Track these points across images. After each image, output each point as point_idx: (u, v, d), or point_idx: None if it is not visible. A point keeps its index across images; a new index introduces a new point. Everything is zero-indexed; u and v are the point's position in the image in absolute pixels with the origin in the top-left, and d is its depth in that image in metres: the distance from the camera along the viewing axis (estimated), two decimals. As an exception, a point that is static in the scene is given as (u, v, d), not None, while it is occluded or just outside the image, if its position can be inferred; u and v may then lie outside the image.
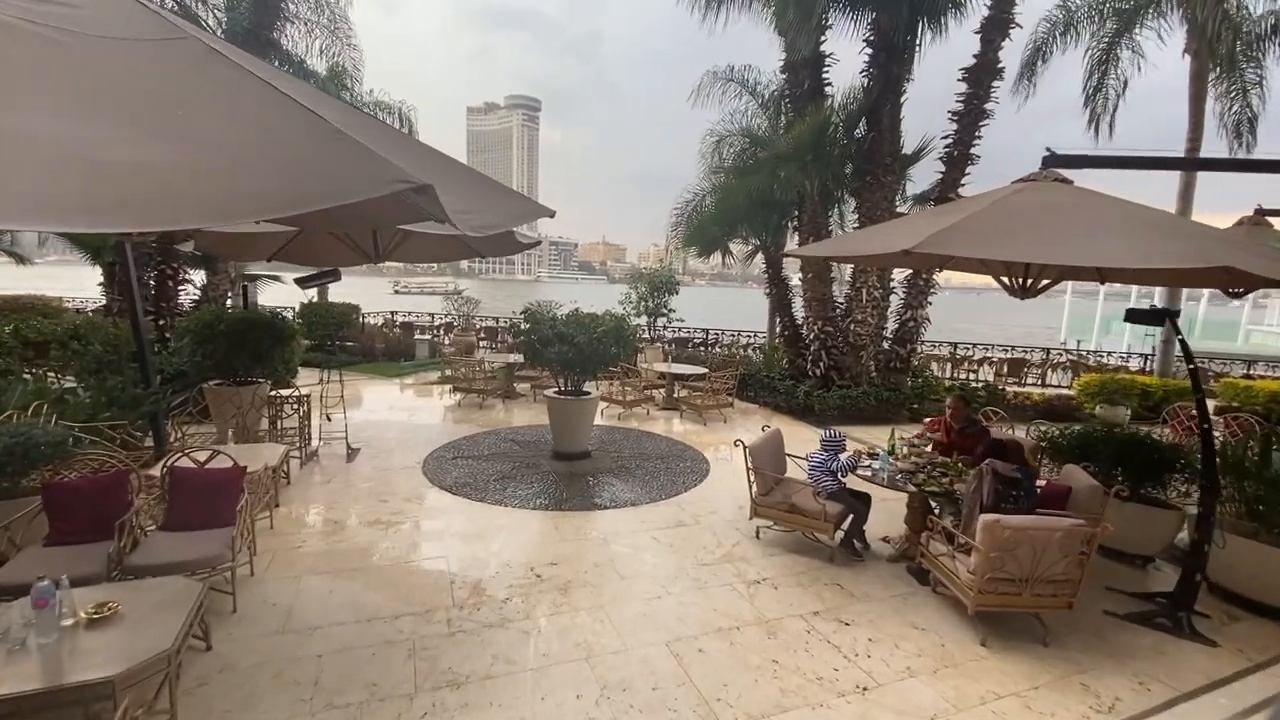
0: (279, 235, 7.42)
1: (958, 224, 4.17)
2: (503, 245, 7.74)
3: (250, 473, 4.91)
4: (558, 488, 6.57)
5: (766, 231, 12.35)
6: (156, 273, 9.17)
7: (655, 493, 6.54)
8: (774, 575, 4.81)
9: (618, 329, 7.06)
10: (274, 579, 4.45)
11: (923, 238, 4.00)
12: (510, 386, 11.17)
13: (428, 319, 17.99)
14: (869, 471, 5.18)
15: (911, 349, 11.19)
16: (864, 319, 10.59)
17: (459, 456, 7.51)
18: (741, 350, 15.69)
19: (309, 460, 7.13)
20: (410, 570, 4.67)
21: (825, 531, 5.05)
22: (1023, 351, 15.69)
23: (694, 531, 5.59)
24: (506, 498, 6.21)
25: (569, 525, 5.62)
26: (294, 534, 5.21)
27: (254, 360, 7.30)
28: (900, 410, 10.58)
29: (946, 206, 5.28)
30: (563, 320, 7.25)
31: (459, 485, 6.51)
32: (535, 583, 4.54)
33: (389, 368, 13.58)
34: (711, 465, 7.58)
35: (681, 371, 10.88)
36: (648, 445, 8.39)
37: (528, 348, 7.29)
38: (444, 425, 9.10)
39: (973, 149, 10.46)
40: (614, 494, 6.47)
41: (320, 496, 6.09)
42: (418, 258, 8.94)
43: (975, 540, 3.99)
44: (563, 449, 7.55)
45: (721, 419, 10.02)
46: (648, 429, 9.30)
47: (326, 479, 6.59)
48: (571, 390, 7.55)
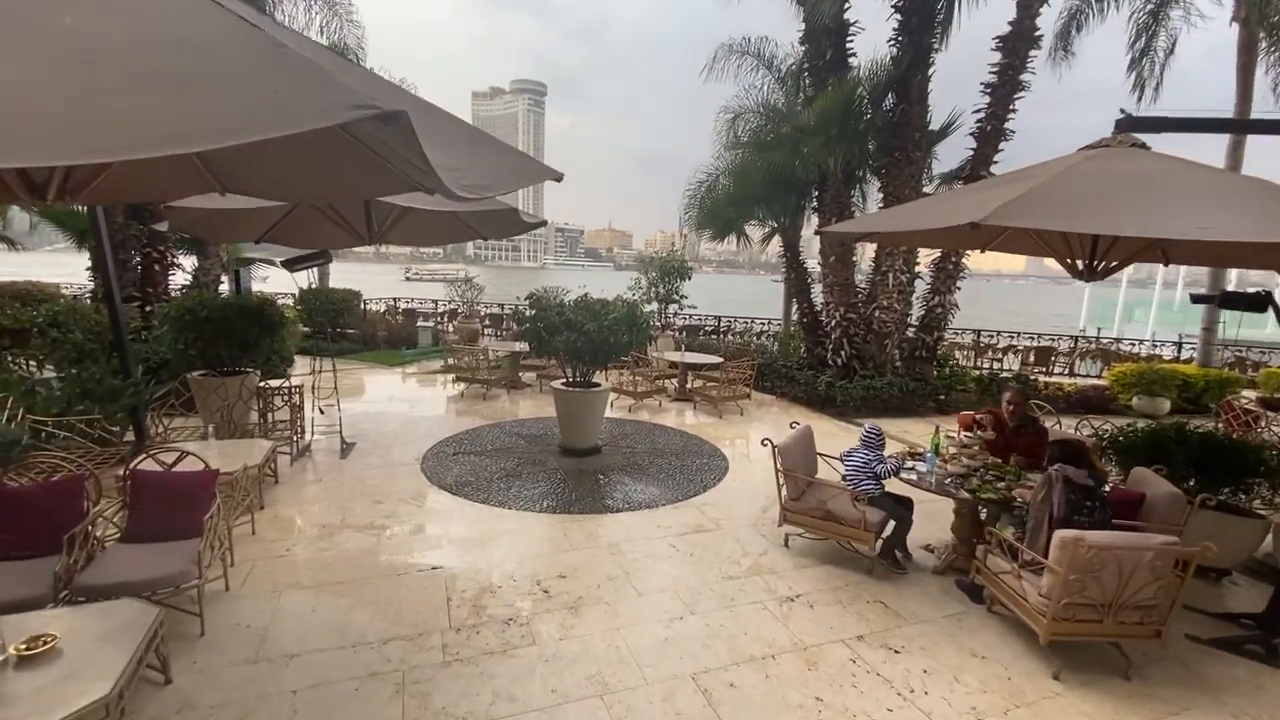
0: (265, 214, 6.91)
1: (1032, 192, 3.59)
2: (506, 225, 7.20)
3: (226, 475, 4.45)
4: (566, 487, 6.08)
5: (785, 213, 11.71)
6: (142, 256, 8.68)
7: (672, 493, 6.03)
8: (809, 591, 4.31)
9: (630, 316, 6.52)
10: (251, 595, 3.98)
11: (990, 209, 3.42)
12: (515, 376, 10.67)
13: (431, 305, 17.49)
14: (914, 475, 4.65)
15: (939, 337, 10.60)
16: (890, 305, 9.98)
17: (461, 452, 7.03)
18: (755, 339, 15.12)
19: (300, 456, 6.67)
20: (403, 584, 4.20)
21: (865, 541, 4.53)
22: (1048, 339, 15.03)
23: (716, 538, 5.09)
24: (511, 499, 5.73)
25: (579, 530, 5.13)
26: (278, 540, 4.74)
27: (241, 349, 6.82)
28: (926, 402, 10.01)
29: (1003, 177, 4.68)
30: (571, 306, 6.72)
31: (460, 484, 6.03)
32: (542, 599, 4.05)
33: (390, 356, 13.11)
34: (730, 462, 7.06)
35: (695, 361, 10.33)
36: (661, 440, 7.88)
37: (534, 336, 6.76)
38: (446, 417, 8.62)
39: (1007, 123, 9.78)
40: (627, 494, 5.97)
41: (310, 497, 5.62)
42: (416, 239, 8.42)
43: (1048, 558, 3.46)
44: (571, 444, 7.05)
45: (738, 411, 9.49)
46: (660, 422, 8.79)
47: (318, 477, 6.12)
48: (580, 381, 7.03)
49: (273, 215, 7.02)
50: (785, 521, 4.84)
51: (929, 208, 4.71)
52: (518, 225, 7.12)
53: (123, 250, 8.74)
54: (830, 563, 4.74)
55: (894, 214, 5.46)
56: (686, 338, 14.21)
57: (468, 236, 7.85)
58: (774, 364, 11.25)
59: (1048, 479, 3.82)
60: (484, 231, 7.71)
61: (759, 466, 7.04)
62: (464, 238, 7.94)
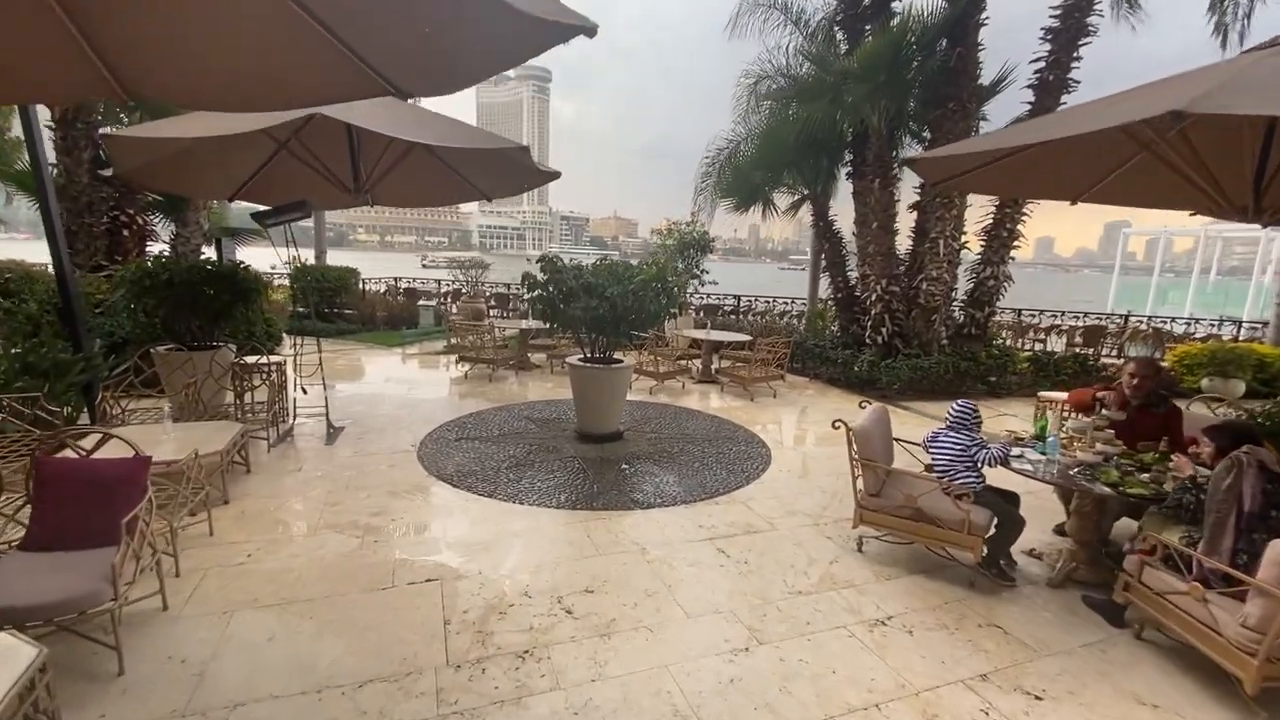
0: (235, 163, 6.00)
1: (1232, 81, 2.63)
2: (514, 177, 6.27)
3: (167, 465, 3.57)
4: (586, 478, 5.19)
5: (818, 178, 10.70)
6: (109, 220, 7.79)
7: (710, 485, 5.13)
8: (902, 610, 3.40)
9: (660, 279, 5.58)
10: (194, 616, 3.11)
11: (1189, 97, 2.47)
12: (524, 356, 9.78)
13: (434, 285, 16.59)
14: (1025, 464, 3.72)
15: (990, 312, 9.61)
16: (939, 275, 8.99)
17: (464, 438, 6.14)
18: (778, 319, 14.15)
19: (280, 441, 5.80)
20: (389, 602, 3.32)
21: (966, 547, 3.62)
22: (1094, 318, 13.99)
23: (773, 542, 4.18)
24: (522, 492, 4.84)
25: (604, 531, 4.23)
26: (239, 544, 3.87)
27: (211, 320, 5.94)
28: (976, 384, 9.05)
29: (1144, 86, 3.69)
30: (590, 269, 5.78)
31: (462, 475, 5.15)
32: (564, 622, 3.17)
33: (389, 337, 12.24)
34: (772, 450, 6.14)
35: (722, 339, 9.39)
36: (690, 425, 6.97)
37: (546, 305, 5.84)
38: (447, 400, 7.74)
39: (1070, 72, 8.73)
40: (658, 487, 5.07)
41: (285, 489, 4.75)
42: (410, 198, 7.50)
43: (1260, 574, 2.54)
44: (589, 429, 6.15)
45: (770, 393, 8.57)
46: (685, 405, 7.88)
47: (297, 466, 5.25)
48: (600, 358, 6.11)
49: (245, 164, 6.09)
50: (861, 522, 3.93)
51: (1069, 119, 3.73)
52: (526, 176, 6.19)
53: (89, 214, 7.86)
54: (919, 572, 3.83)
55: (1026, 129, 4.39)
56: (705, 317, 13.26)
57: (469, 196, 6.93)
58: (804, 343, 10.30)
59: (1235, 464, 2.89)
60: (489, 189, 6.78)
61: (807, 454, 6.13)
62: (464, 198, 7.03)
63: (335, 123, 5.61)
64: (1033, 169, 4.55)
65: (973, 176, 4.67)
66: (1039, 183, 5.01)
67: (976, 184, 5.19)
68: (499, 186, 6.79)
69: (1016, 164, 4.37)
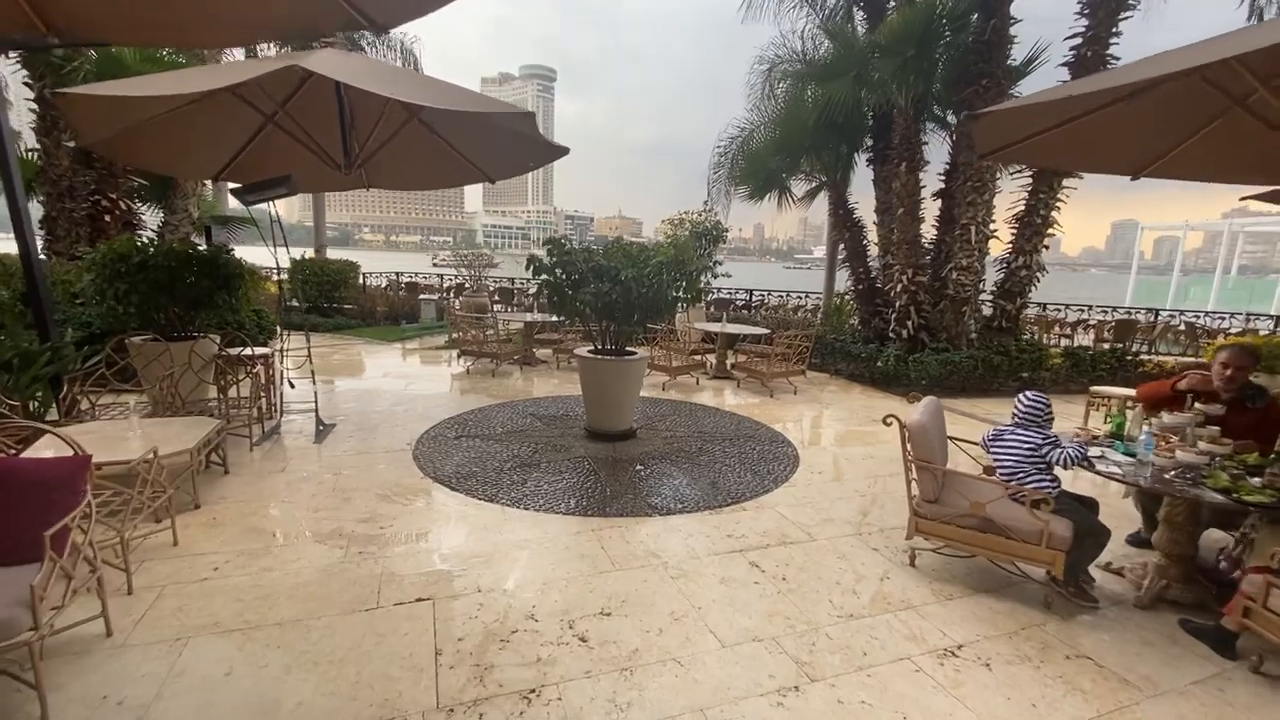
0: (217, 136, 5.55)
1: None
2: (519, 154, 5.79)
3: (116, 465, 3.11)
4: (597, 481, 4.70)
5: (838, 164, 10.19)
6: (89, 205, 7.35)
7: (735, 489, 4.64)
8: (973, 638, 2.90)
9: (679, 261, 5.08)
10: (143, 645, 2.64)
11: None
12: (530, 351, 9.31)
13: (437, 279, 16.16)
14: (1112, 466, 3.21)
15: (1022, 304, 9.07)
16: (970, 264, 8.47)
17: (464, 436, 5.67)
18: (792, 313, 13.64)
19: (265, 439, 5.34)
20: (372, 627, 2.84)
21: (1043, 562, 3.11)
22: (1123, 313, 13.43)
23: (811, 554, 3.68)
24: (527, 495, 4.36)
25: (620, 541, 3.74)
26: (206, 554, 3.40)
27: (190, 307, 5.47)
28: (1008, 381, 8.52)
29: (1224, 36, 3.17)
30: (602, 251, 5.29)
31: (461, 476, 4.67)
32: (577, 652, 2.68)
33: (389, 332, 11.79)
34: (799, 450, 5.64)
35: (738, 332, 8.89)
36: (707, 422, 6.48)
37: (553, 291, 5.36)
38: (447, 396, 7.27)
39: (1109, 49, 8.18)
40: (678, 491, 4.58)
41: (265, 493, 4.28)
42: (407, 180, 7.04)
43: None
44: (600, 426, 5.67)
45: (791, 390, 8.06)
46: (700, 402, 7.39)
47: (280, 466, 4.78)
48: (612, 349, 5.63)
49: (230, 140, 5.64)
50: (917, 532, 3.42)
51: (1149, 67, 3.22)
52: (531, 151, 5.70)
53: (69, 199, 7.42)
54: (983, 591, 3.32)
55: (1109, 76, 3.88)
56: (716, 312, 12.76)
57: (471, 178, 6.45)
58: (824, 338, 9.79)
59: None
60: (491, 169, 6.29)
61: (838, 455, 5.62)
62: (466, 179, 6.54)
63: (326, 95, 5.19)
64: (1099, 135, 4.04)
65: (1032, 144, 4.16)
66: (1102, 152, 4.48)
67: (1033, 153, 4.68)
68: (502, 165, 6.29)
69: (1083, 129, 3.87)
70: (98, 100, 3.80)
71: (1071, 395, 8.61)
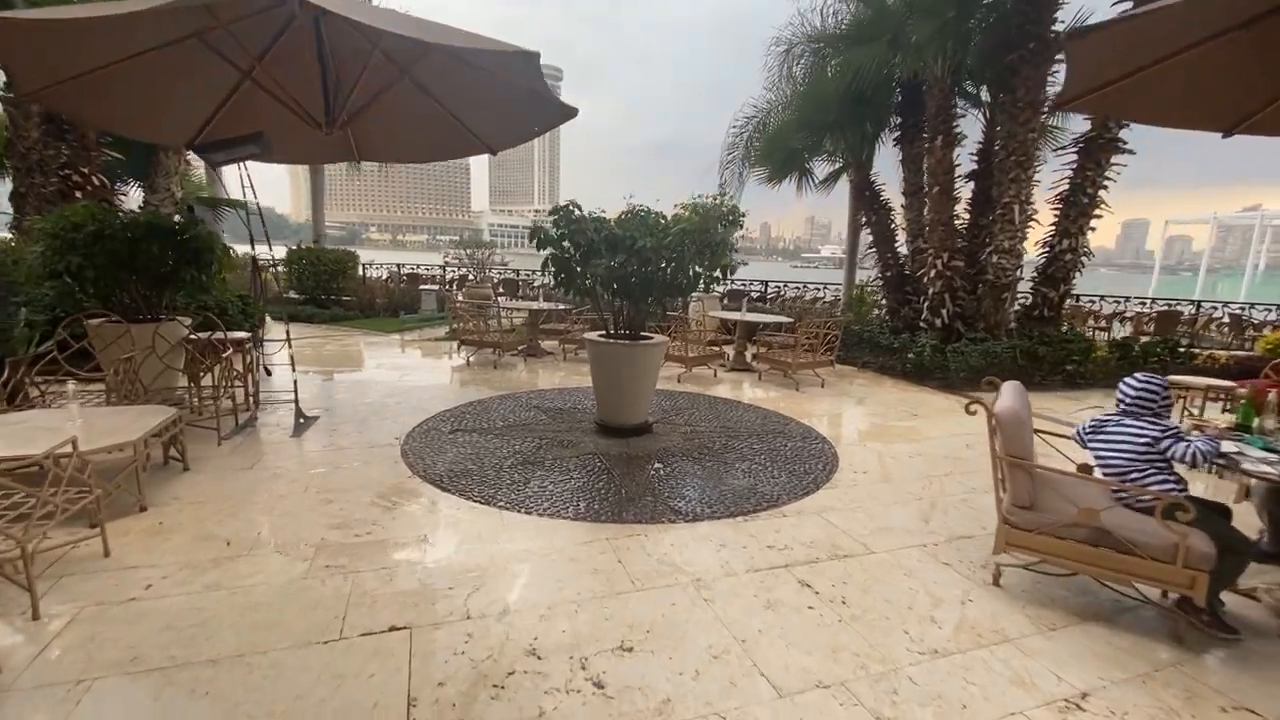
0: (195, 97, 4.97)
1: None
2: (521, 112, 5.18)
3: (27, 461, 2.53)
4: (611, 480, 4.09)
5: (863, 142, 9.54)
6: (60, 181, 6.80)
7: (770, 491, 4.01)
8: (1097, 683, 2.26)
9: (702, 230, 4.45)
10: (34, 689, 2.05)
11: None
12: (534, 342, 8.71)
13: (439, 270, 15.60)
14: (1263, 465, 2.56)
15: (1065, 291, 8.39)
16: (1012, 247, 7.80)
17: (460, 430, 5.07)
18: (810, 304, 12.99)
19: (237, 433, 4.76)
20: (329, 667, 2.23)
21: (1181, 586, 2.48)
22: (1163, 304, 12.70)
23: (871, 570, 3.06)
24: (529, 498, 3.75)
25: (640, 553, 3.13)
26: (139, 569, 2.81)
27: (154, 285, 4.90)
28: (1053, 373, 7.84)
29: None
30: (616, 220, 4.67)
31: (454, 475, 4.07)
32: (594, 704, 2.07)
33: (387, 323, 11.23)
34: (837, 448, 5.01)
35: (760, 320, 8.25)
36: (731, 416, 5.85)
37: (560, 267, 4.74)
38: (445, 388, 6.68)
39: (1164, 13, 7.47)
40: (704, 493, 3.96)
41: (226, 493, 3.69)
42: (399, 151, 6.49)
43: None
44: (612, 419, 5.05)
45: (818, 382, 7.43)
46: (720, 394, 6.76)
47: (249, 463, 4.19)
48: (626, 332, 5.01)
49: (201, 99, 5.04)
50: (1009, 545, 2.79)
51: None
52: (536, 112, 5.08)
53: (38, 174, 6.88)
54: (1091, 618, 2.69)
55: None
56: (731, 304, 12.13)
57: (469, 148, 5.83)
58: (849, 328, 9.15)
59: None
60: (492, 137, 5.67)
61: (882, 453, 4.99)
62: (464, 150, 5.92)
63: (306, 47, 4.61)
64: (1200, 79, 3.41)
65: (1124, 88, 3.51)
66: (1195, 105, 3.84)
67: (1117, 103, 4.02)
68: (504, 132, 5.67)
69: (1175, 70, 3.25)
70: (19, 26, 3.21)
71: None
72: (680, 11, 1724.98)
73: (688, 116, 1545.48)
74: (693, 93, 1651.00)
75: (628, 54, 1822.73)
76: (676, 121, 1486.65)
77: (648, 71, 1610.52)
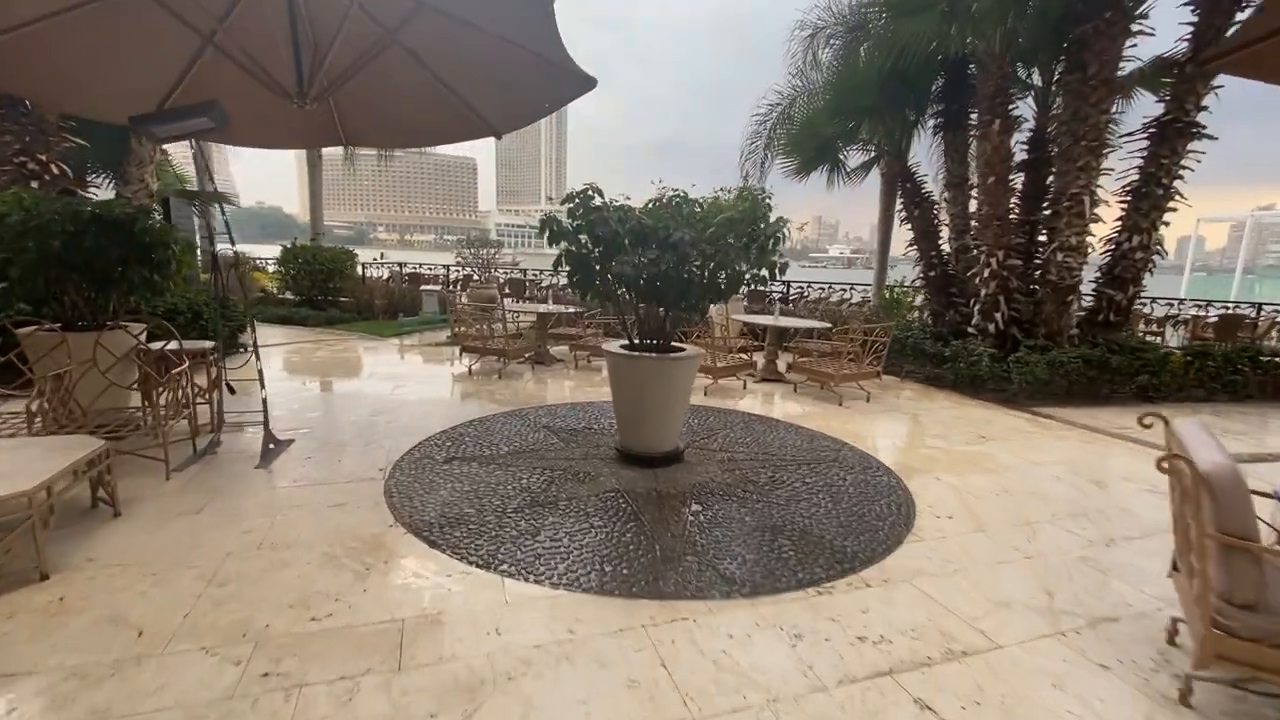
0: (145, 66, 4.22)
1: None
2: (532, 83, 4.40)
3: None
4: (640, 531, 3.29)
5: (902, 128, 8.71)
6: (14, 169, 6.07)
7: (839, 543, 3.21)
8: None
9: (750, 216, 3.63)
10: None
11: None
12: (543, 348, 7.94)
13: (442, 270, 14.87)
14: None
15: (1135, 294, 7.52)
16: (1079, 244, 6.95)
17: (457, 457, 4.30)
18: (836, 307, 12.15)
19: (192, 463, 4.01)
20: None
21: None
22: (1220, 307, 11.79)
23: (1005, 677, 2.25)
24: (540, 556, 2.97)
25: (689, 651, 2.34)
26: (8, 681, 2.04)
27: (98, 286, 4.16)
28: (1124, 385, 6.97)
29: None
30: (644, 209, 3.87)
31: (447, 522, 3.29)
32: None
33: (385, 326, 10.49)
34: (905, 482, 4.20)
35: (794, 326, 7.44)
36: (771, 439, 5.05)
37: (577, 266, 3.95)
38: (443, 402, 5.92)
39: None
40: (758, 549, 3.16)
41: (157, 551, 2.92)
42: (392, 135, 5.82)
43: None
44: (636, 446, 4.26)
45: (863, 396, 6.61)
46: (753, 410, 5.97)
47: (198, 504, 3.43)
48: (654, 343, 4.22)
49: (158, 69, 4.28)
50: (1221, 657, 1.98)
51: None
52: (548, 83, 4.30)
53: (-11, 161, 6.15)
54: (1349, 771, 1.88)
55: None
56: (752, 306, 11.31)
57: (472, 131, 5.05)
58: (888, 334, 8.33)
59: None
60: (496, 116, 4.88)
61: (961, 489, 4.16)
62: (465, 132, 5.14)
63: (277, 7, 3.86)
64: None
65: None
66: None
67: None
68: (510, 110, 4.88)
69: None
70: None
71: (1196, 404, 7.08)
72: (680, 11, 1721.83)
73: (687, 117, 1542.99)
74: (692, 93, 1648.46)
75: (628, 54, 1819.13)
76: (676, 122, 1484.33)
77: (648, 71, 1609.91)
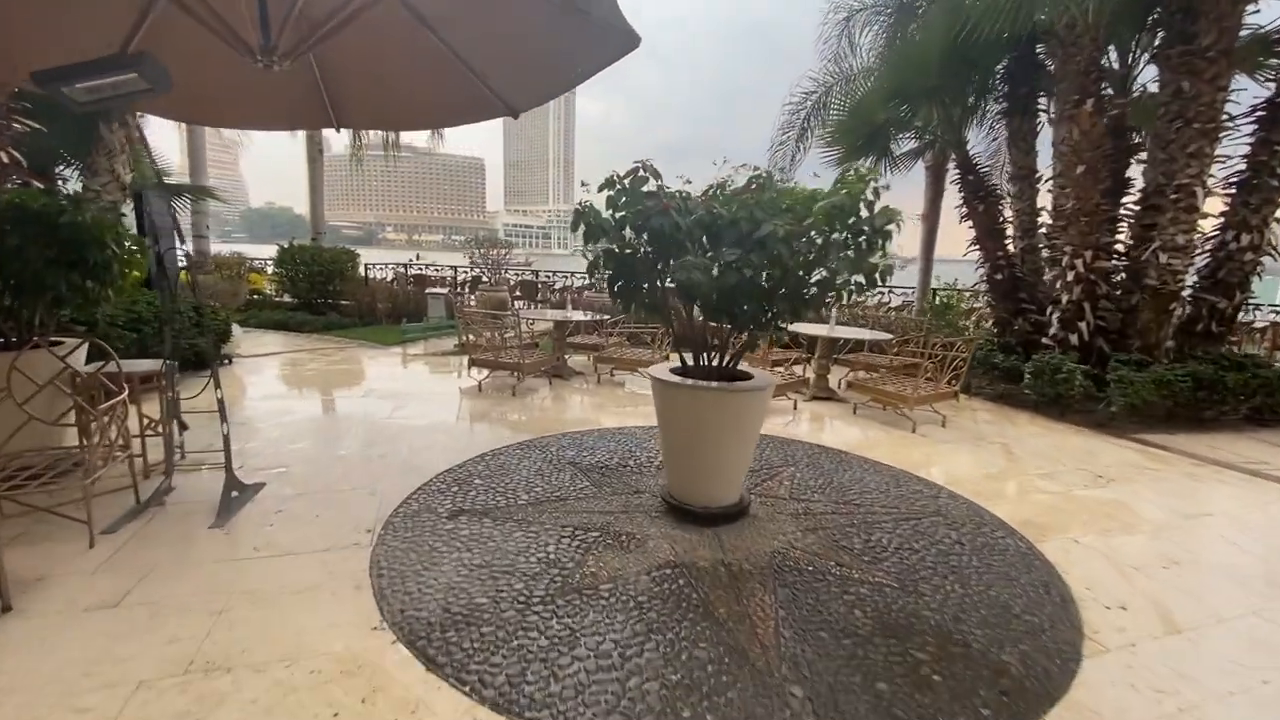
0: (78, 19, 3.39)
1: None
2: (558, 47, 3.52)
3: None
4: (717, 640, 2.39)
5: (964, 113, 7.78)
6: (-43, 157, 5.26)
7: (988, 655, 2.30)
8: None
9: (853, 205, 2.71)
10: None
11: None
12: (561, 359, 7.07)
13: (449, 271, 14.05)
14: None
15: (1240, 301, 6.53)
16: (1187, 244, 6.00)
17: (465, 511, 3.42)
18: (875, 311, 11.21)
19: (133, 518, 3.15)
20: None
21: None
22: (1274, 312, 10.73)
23: None
24: (575, 688, 2.08)
25: None
26: None
27: (15, 296, 3.31)
28: (1239, 407, 6.01)
29: None
30: (712, 195, 2.97)
31: (451, 623, 2.41)
32: None
33: (387, 333, 9.65)
34: (1039, 546, 3.28)
35: (851, 336, 6.52)
36: (846, 479, 4.14)
37: (620, 270, 3.06)
38: (448, 428, 5.05)
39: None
40: (887, 673, 2.25)
41: (42, 676, 2.06)
42: (392, 116, 5.02)
43: None
44: (691, 497, 3.36)
45: (937, 420, 5.68)
46: (816, 439, 5.06)
47: (124, 587, 2.56)
48: (720, 368, 3.32)
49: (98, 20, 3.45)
50: None
51: None
52: (577, 48, 3.42)
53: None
54: None
55: None
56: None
57: (483, 111, 4.17)
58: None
59: None
60: (512, 94, 3.99)
61: (1114, 558, 3.21)
62: (475, 113, 4.25)
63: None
64: None
65: None
66: None
67: None
68: (530, 81, 3.98)
69: None
70: None
71: (1315, 428, 6.10)
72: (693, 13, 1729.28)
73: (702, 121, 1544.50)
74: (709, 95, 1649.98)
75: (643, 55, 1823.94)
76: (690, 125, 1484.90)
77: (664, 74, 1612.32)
